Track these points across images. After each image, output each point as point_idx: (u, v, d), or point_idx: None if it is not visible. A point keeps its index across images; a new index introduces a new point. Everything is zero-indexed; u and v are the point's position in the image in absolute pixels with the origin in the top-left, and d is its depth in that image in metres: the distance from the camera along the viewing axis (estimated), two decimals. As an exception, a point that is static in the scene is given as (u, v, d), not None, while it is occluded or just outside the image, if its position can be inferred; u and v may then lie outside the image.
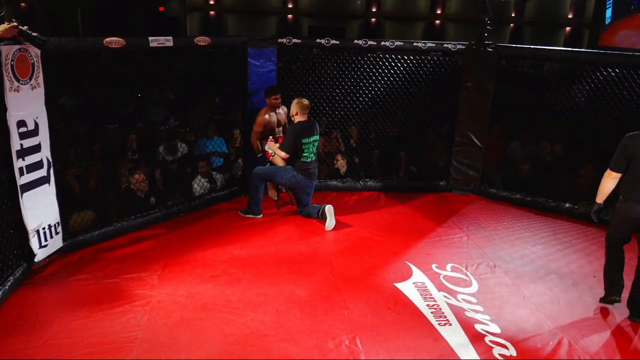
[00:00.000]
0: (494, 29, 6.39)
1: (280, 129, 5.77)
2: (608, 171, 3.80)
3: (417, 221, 5.57)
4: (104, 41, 4.45)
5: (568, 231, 5.47)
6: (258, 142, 5.67)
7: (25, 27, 3.73)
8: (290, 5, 21.67)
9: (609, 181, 3.80)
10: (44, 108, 4.03)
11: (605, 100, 5.72)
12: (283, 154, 5.27)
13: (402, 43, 6.15)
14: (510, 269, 4.57)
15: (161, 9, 18.83)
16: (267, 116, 5.60)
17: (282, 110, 5.75)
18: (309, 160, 5.29)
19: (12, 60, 3.65)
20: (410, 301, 3.97)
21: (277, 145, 5.39)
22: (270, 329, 3.53)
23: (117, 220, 4.96)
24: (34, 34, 3.76)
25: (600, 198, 3.88)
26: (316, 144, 5.32)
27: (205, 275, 4.23)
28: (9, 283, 3.80)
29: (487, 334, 3.59)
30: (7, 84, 3.63)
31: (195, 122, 7.03)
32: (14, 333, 3.38)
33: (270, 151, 5.53)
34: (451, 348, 3.43)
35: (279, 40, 5.89)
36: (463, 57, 6.24)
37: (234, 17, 21.44)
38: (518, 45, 6.53)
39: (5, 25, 3.60)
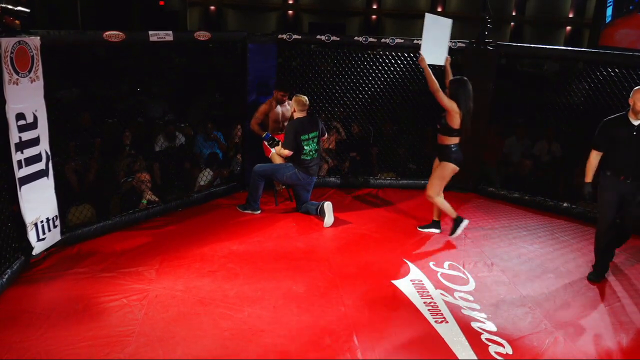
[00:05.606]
0: (495, 28, 6.39)
1: (286, 123, 5.78)
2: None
3: (416, 219, 5.57)
4: (104, 35, 4.44)
5: (566, 230, 5.49)
6: (257, 126, 5.67)
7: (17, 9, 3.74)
8: (290, 1, 21.65)
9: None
10: (43, 101, 4.02)
11: (605, 100, 5.72)
12: (286, 152, 5.26)
13: (403, 40, 6.14)
14: (507, 268, 4.58)
15: (161, 2, 18.77)
16: (269, 106, 5.62)
17: (288, 106, 5.76)
18: (309, 157, 5.29)
19: (12, 52, 3.64)
20: (407, 298, 3.98)
21: (278, 146, 5.40)
22: (267, 325, 3.54)
23: (115, 214, 4.96)
24: (16, 7, 3.76)
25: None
26: (316, 139, 5.32)
27: (203, 270, 4.24)
28: (7, 276, 3.79)
29: (483, 332, 3.60)
30: (6, 77, 3.61)
31: (194, 117, 7.02)
32: (11, 326, 3.38)
33: (273, 150, 5.53)
34: (447, 345, 3.43)
35: (279, 36, 5.88)
36: (463, 55, 6.23)
37: (235, 12, 21.41)
38: (518, 44, 6.52)
39: None
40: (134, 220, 5.03)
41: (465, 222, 5.04)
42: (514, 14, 22.74)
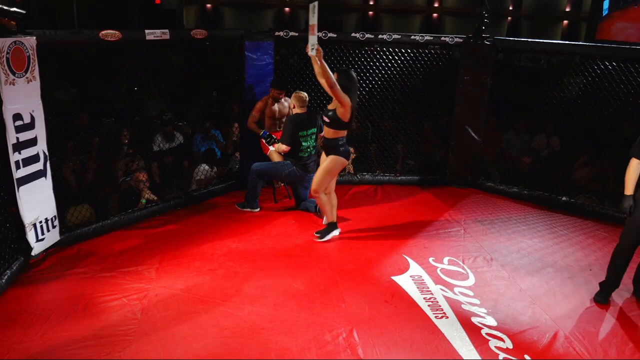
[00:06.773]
0: (492, 23, 6.38)
1: (284, 119, 5.77)
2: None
3: (414, 215, 5.58)
4: (100, 34, 4.43)
5: (565, 224, 5.49)
6: (254, 124, 5.66)
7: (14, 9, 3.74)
8: (287, -1, 21.59)
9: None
10: (39, 101, 4.01)
11: (602, 94, 5.73)
12: (284, 148, 5.24)
13: (400, 36, 6.13)
14: (507, 262, 4.59)
15: (157, 1, 18.70)
16: (264, 103, 5.62)
17: (285, 102, 5.75)
18: (307, 154, 5.29)
19: (8, 53, 3.63)
20: (407, 294, 3.99)
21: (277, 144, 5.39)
22: (267, 322, 3.54)
23: (114, 214, 4.96)
24: (12, 9, 3.75)
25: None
26: (314, 136, 5.31)
27: (203, 269, 4.24)
28: (6, 276, 3.80)
29: (483, 327, 3.60)
30: (2, 77, 3.61)
31: (192, 116, 7.01)
32: (11, 326, 3.38)
33: (271, 148, 5.52)
34: (448, 341, 3.44)
35: (276, 33, 5.87)
36: (460, 51, 6.23)
37: (231, 10, 21.33)
38: (515, 39, 6.51)
39: None
40: (133, 220, 5.02)
41: (337, 231, 4.90)
42: (510, 8, 22.71)
